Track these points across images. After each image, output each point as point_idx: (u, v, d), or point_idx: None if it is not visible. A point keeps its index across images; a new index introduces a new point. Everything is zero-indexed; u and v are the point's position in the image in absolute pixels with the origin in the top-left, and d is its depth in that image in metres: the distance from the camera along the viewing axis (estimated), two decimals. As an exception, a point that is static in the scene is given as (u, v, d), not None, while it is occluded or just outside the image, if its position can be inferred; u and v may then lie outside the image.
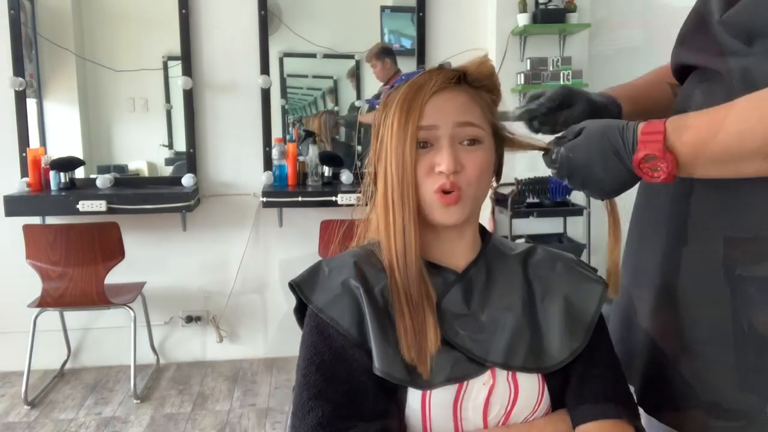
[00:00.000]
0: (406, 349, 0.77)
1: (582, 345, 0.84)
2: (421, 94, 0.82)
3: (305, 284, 0.84)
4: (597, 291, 0.88)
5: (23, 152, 2.99)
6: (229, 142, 3.16)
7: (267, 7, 3.08)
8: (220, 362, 3.25)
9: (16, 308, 2.84)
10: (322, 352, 0.79)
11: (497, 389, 0.80)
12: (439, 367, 0.77)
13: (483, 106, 0.85)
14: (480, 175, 0.82)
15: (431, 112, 0.81)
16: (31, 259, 2.70)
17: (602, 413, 0.82)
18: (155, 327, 3.21)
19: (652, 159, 0.76)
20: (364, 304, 0.80)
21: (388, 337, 0.78)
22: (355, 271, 0.83)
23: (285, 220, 3.17)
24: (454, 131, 0.81)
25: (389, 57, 3.31)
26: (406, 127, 0.81)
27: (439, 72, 0.84)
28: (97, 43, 3.22)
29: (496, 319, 0.83)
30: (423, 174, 0.81)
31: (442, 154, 0.80)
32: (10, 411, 2.74)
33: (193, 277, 3.22)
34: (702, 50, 0.86)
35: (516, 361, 0.80)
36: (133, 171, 3.30)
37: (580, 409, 0.83)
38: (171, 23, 3.04)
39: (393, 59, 3.31)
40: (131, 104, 3.28)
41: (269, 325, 3.28)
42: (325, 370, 0.78)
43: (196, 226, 3.17)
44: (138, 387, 2.87)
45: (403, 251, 0.81)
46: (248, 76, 3.10)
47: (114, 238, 2.76)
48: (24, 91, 2.97)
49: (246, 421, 2.64)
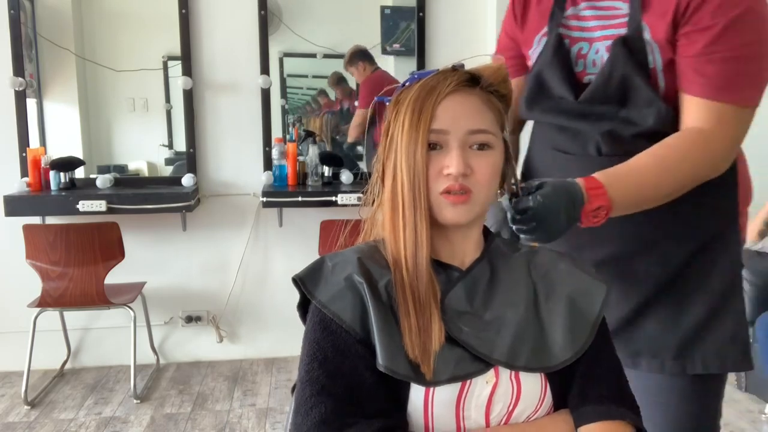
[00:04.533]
0: (410, 348, 0.77)
1: (585, 345, 0.84)
2: (434, 96, 0.82)
3: (308, 279, 0.84)
4: (600, 292, 0.88)
5: (23, 152, 2.99)
6: (229, 142, 3.16)
7: (267, 7, 3.08)
8: (220, 362, 3.25)
9: (16, 308, 2.84)
10: (324, 348, 0.79)
11: (500, 388, 0.80)
12: (442, 365, 0.77)
13: (495, 111, 0.85)
14: (489, 180, 0.83)
15: (443, 116, 0.81)
16: (31, 259, 2.69)
17: (605, 414, 0.82)
18: (155, 327, 3.21)
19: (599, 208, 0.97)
20: (368, 299, 0.80)
21: (392, 333, 0.78)
22: (359, 266, 0.83)
23: (285, 220, 3.17)
24: (465, 138, 0.81)
25: (362, 60, 3.29)
26: (418, 128, 0.81)
27: (452, 74, 0.84)
28: (97, 43, 3.22)
29: (499, 317, 0.83)
30: (432, 175, 0.81)
31: (451, 157, 0.80)
32: (10, 411, 2.73)
33: (193, 277, 3.22)
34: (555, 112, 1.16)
35: (519, 360, 0.81)
36: (133, 171, 3.30)
37: (582, 410, 0.83)
38: (171, 23, 3.03)
39: (368, 60, 3.29)
40: (131, 104, 3.28)
41: (269, 325, 3.28)
42: (327, 366, 0.78)
43: (196, 226, 3.17)
44: (138, 387, 2.87)
45: (413, 250, 0.81)
46: (248, 76, 3.10)
47: (114, 238, 2.76)
48: (24, 91, 2.97)
49: (246, 421, 2.64)
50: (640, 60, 1.07)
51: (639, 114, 1.08)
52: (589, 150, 1.14)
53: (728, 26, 0.98)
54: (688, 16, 1.01)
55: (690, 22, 1.01)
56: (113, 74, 3.16)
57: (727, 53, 0.99)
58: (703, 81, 1.02)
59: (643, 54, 1.07)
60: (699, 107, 1.03)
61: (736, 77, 1.01)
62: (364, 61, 3.29)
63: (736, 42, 0.99)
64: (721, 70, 1.00)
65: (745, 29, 0.98)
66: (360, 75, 3.31)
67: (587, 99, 1.12)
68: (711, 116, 1.02)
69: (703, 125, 1.02)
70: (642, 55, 1.07)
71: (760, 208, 2.67)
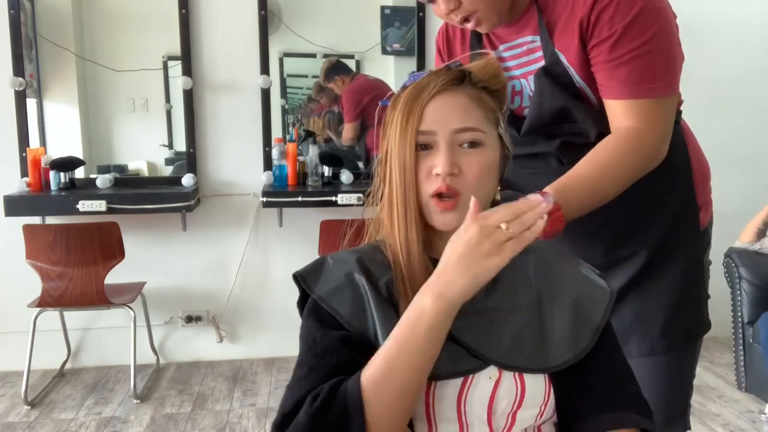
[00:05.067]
0: None
1: (587, 349, 0.83)
2: (422, 97, 0.82)
3: (309, 276, 0.85)
4: (605, 296, 0.88)
5: (23, 152, 2.99)
6: (229, 142, 3.16)
7: (267, 7, 3.08)
8: (220, 362, 3.25)
9: (16, 308, 2.84)
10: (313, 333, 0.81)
11: (503, 384, 0.80)
12: (443, 361, 0.77)
13: (485, 108, 0.85)
14: (479, 178, 0.82)
15: (430, 117, 0.82)
16: (31, 259, 2.70)
17: (619, 422, 0.82)
18: (155, 327, 3.21)
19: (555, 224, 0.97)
20: (368, 295, 0.81)
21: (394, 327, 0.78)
22: (359, 265, 0.84)
23: (285, 220, 3.17)
24: (453, 137, 0.82)
25: (338, 74, 3.31)
26: (406, 130, 0.82)
27: (442, 73, 0.84)
28: (97, 43, 3.22)
29: (500, 317, 0.83)
30: (422, 176, 0.82)
31: (439, 157, 0.81)
32: (10, 411, 2.73)
33: (193, 277, 3.22)
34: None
35: (518, 361, 0.80)
36: (133, 171, 3.30)
37: (596, 418, 0.82)
38: (171, 23, 3.03)
39: (344, 72, 3.30)
40: (131, 104, 3.28)
41: (269, 325, 3.28)
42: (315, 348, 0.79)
43: (196, 226, 3.17)
44: (138, 387, 2.87)
45: (406, 249, 0.82)
46: (248, 76, 3.10)
47: (114, 238, 2.76)
48: (24, 91, 2.97)
49: (246, 421, 2.64)
50: (566, 82, 1.14)
51: (582, 127, 1.16)
52: (551, 164, 1.23)
53: (626, 29, 1.05)
54: (590, 31, 1.08)
55: (593, 36, 1.08)
56: (113, 74, 3.17)
57: (632, 53, 1.06)
58: (618, 84, 1.08)
59: (567, 76, 1.14)
60: (622, 109, 1.09)
61: (646, 72, 1.07)
62: (341, 75, 3.31)
63: (637, 42, 1.05)
64: (631, 70, 1.07)
65: (643, 27, 1.05)
66: (339, 89, 3.33)
67: (528, 131, 1.20)
68: (635, 114, 1.08)
69: (631, 124, 1.09)
70: (566, 78, 1.14)
71: (759, 209, 2.68)
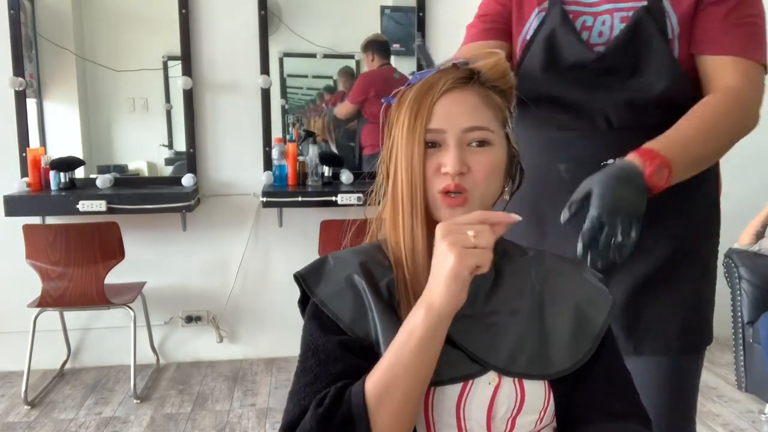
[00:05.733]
0: None
1: (587, 356, 0.83)
2: (431, 95, 0.82)
3: (310, 276, 0.84)
4: (606, 302, 0.87)
5: (23, 152, 2.99)
6: (229, 142, 3.16)
7: (267, 7, 3.08)
8: (220, 362, 3.25)
9: (16, 308, 2.84)
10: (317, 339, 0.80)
11: (502, 389, 0.80)
12: (442, 365, 0.76)
13: (494, 107, 0.85)
14: (487, 177, 0.82)
15: (439, 115, 0.81)
16: (31, 259, 2.69)
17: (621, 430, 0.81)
18: (155, 327, 3.21)
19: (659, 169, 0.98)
20: (369, 298, 0.80)
21: (394, 330, 0.77)
22: (360, 267, 0.83)
23: (285, 220, 3.17)
24: (462, 136, 0.81)
25: (373, 51, 3.27)
26: (415, 127, 0.81)
27: (451, 71, 0.84)
28: (97, 43, 3.22)
29: (501, 321, 0.82)
30: (430, 174, 0.81)
31: (448, 155, 0.80)
32: (10, 411, 2.73)
33: (193, 277, 3.22)
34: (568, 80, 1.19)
35: (517, 367, 0.80)
36: (133, 171, 3.30)
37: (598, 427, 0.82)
38: (171, 23, 3.03)
39: (378, 53, 3.26)
40: (131, 104, 3.28)
41: (269, 325, 3.28)
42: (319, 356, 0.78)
43: (196, 226, 3.17)
44: (138, 387, 2.87)
45: (411, 249, 0.81)
46: (248, 76, 3.10)
47: (114, 238, 2.76)
48: (24, 91, 2.97)
49: (246, 421, 2.64)
50: (660, 27, 1.14)
51: (652, 79, 1.15)
52: (598, 124, 1.19)
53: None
54: None
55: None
56: (113, 74, 3.17)
57: (749, 18, 1.14)
58: (732, 41, 1.13)
59: (662, 22, 1.14)
60: (730, 66, 1.13)
61: (756, 39, 1.15)
62: (375, 53, 3.27)
63: (752, 10, 1.15)
64: (745, 32, 1.14)
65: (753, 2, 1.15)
66: (367, 65, 3.30)
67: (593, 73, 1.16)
68: (741, 72, 1.12)
69: (735, 84, 1.12)
70: (661, 23, 1.14)
71: (758, 210, 2.67)
